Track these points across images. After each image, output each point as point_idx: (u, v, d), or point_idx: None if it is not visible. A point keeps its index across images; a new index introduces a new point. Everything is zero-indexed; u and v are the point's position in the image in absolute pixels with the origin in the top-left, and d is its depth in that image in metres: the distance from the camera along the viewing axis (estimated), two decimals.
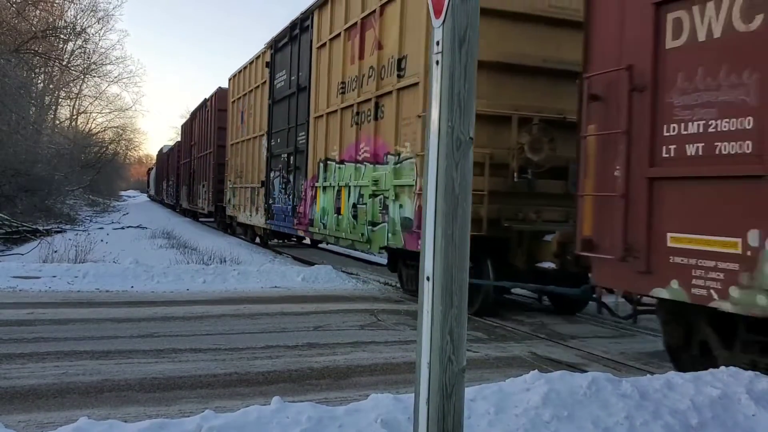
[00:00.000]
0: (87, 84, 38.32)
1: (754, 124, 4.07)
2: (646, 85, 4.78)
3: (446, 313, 2.20)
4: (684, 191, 4.54)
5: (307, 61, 11.93)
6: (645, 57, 4.79)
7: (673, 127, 4.60)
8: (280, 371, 4.91)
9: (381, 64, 9.08)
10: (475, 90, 2.25)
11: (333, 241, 10.95)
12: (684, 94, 4.55)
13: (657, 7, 4.71)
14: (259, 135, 15.53)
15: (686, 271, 4.43)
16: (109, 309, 7.24)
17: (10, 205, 19.27)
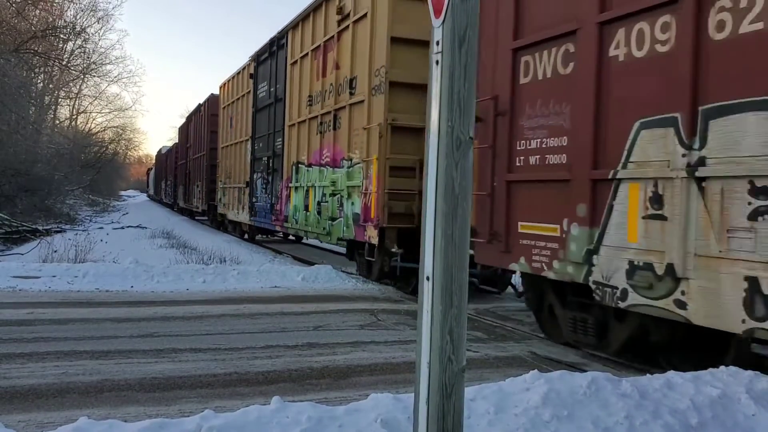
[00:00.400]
0: (87, 84, 38.41)
1: (568, 142, 5.56)
2: (506, 111, 6.31)
3: (446, 313, 2.20)
4: (528, 191, 6.05)
5: (283, 75, 13.50)
6: (506, 90, 6.32)
7: (522, 143, 6.13)
8: (280, 371, 4.91)
9: (338, 82, 10.52)
10: (475, 90, 2.25)
11: (303, 234, 12.59)
12: (529, 118, 6.05)
13: (514, 52, 6.23)
14: (244, 139, 17.01)
15: (529, 250, 5.97)
16: (108, 309, 7.24)
17: (10, 205, 19.27)
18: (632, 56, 4.98)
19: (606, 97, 5.20)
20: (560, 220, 5.58)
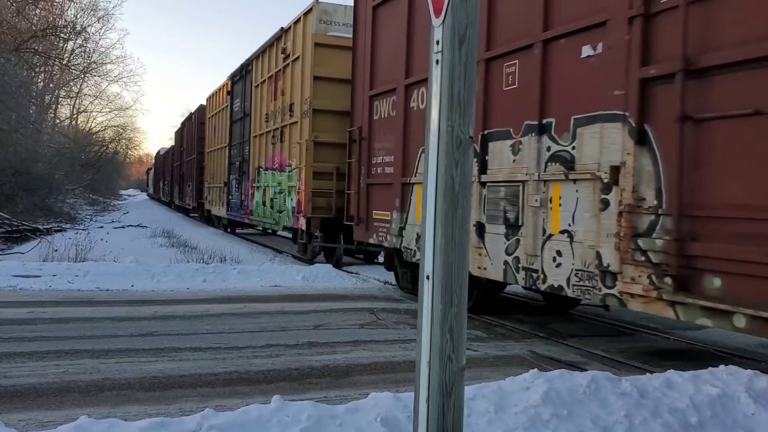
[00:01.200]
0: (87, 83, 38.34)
1: (393, 159, 8.62)
2: (366, 137, 9.48)
3: (446, 312, 2.20)
4: (377, 190, 9.15)
5: (250, 95, 16.56)
6: (366, 123, 9.50)
7: (375, 159, 9.24)
8: (281, 370, 4.91)
9: (283, 105, 13.42)
10: (475, 89, 2.25)
11: (262, 224, 16.15)
12: (378, 143, 9.14)
13: (371, 98, 9.34)
14: (224, 146, 20.07)
15: (377, 229, 9.03)
16: (109, 308, 7.25)
17: (11, 204, 19.27)
18: (419, 107, 8.04)
19: (408, 133, 8.27)
20: (389, 209, 8.66)
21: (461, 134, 2.20)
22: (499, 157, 6.51)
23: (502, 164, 6.47)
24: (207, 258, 12.39)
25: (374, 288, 9.48)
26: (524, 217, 6.09)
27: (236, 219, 18.50)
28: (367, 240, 9.41)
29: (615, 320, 7.50)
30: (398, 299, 8.57)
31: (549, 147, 5.83)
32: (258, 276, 9.68)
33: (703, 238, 4.34)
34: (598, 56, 5.32)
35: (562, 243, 5.60)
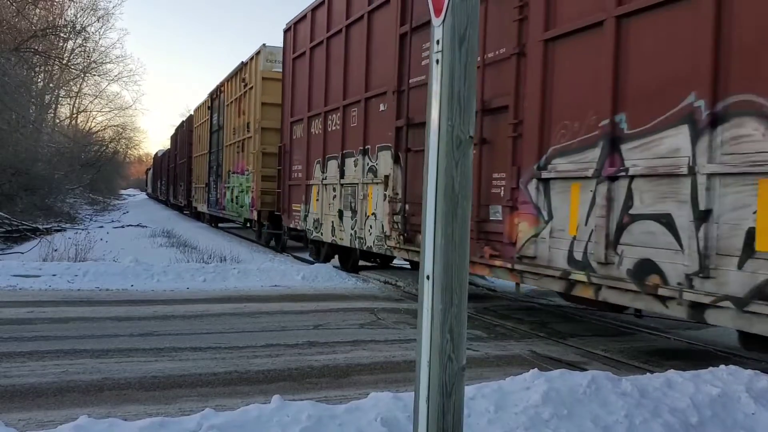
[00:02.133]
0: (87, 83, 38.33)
1: (302, 167, 12.08)
2: (288, 151, 12.92)
3: (446, 312, 2.20)
4: (294, 190, 12.53)
5: (224, 111, 20.26)
6: (288, 141, 12.94)
7: (293, 167, 12.60)
8: (280, 370, 4.91)
9: (244, 123, 17.07)
10: (476, 89, 2.25)
11: (230, 216, 19.58)
12: (294, 155, 12.57)
13: (291, 123, 12.69)
14: (205, 153, 23.94)
15: (295, 217, 12.44)
16: (109, 307, 7.25)
17: (10, 204, 19.27)
18: (316, 132, 11.41)
19: (309, 150, 11.72)
20: (300, 202, 12.19)
21: (461, 134, 2.20)
22: (349, 168, 10.01)
23: (350, 173, 10.00)
24: (207, 258, 12.40)
25: (374, 288, 9.48)
26: (358, 206, 9.64)
27: (214, 213, 22.53)
28: (289, 225, 13.08)
29: (615, 320, 7.50)
30: (398, 299, 8.57)
31: (367, 163, 9.38)
32: (258, 276, 9.68)
33: (415, 215, 7.87)
34: (384, 111, 8.89)
35: (372, 220, 9.16)
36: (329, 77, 10.82)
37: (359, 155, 9.52)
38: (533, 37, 6.01)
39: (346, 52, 10.13)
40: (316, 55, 11.45)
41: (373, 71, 9.22)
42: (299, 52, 12.28)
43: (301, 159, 12.15)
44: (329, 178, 10.71)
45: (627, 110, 5.02)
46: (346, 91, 10.09)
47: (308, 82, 11.75)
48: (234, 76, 18.45)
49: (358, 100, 9.57)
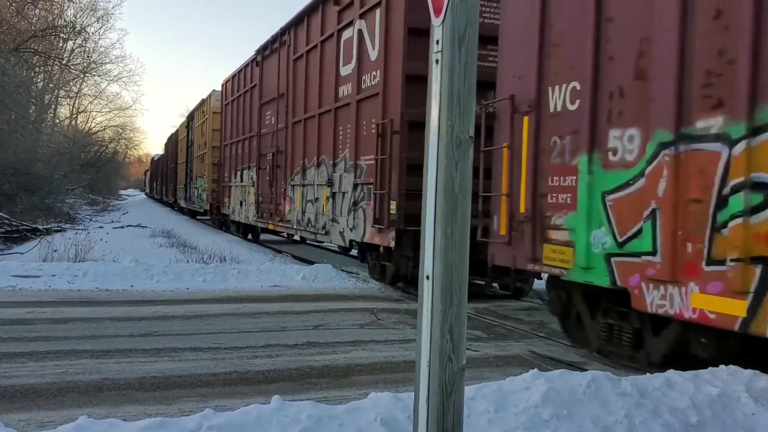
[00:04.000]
0: (86, 83, 38.28)
1: (228, 175, 19.23)
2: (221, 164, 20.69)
3: (446, 312, 2.20)
4: (226, 189, 19.40)
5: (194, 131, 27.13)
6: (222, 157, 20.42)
7: (224, 174, 19.93)
8: (280, 370, 4.91)
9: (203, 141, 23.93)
10: (475, 88, 2.25)
11: (197, 208, 26.34)
12: (224, 167, 20.10)
13: (223, 146, 20.13)
14: (185, 161, 30.23)
15: (227, 206, 19.66)
16: (108, 308, 7.25)
17: (10, 204, 19.26)
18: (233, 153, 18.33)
19: (231, 163, 18.58)
20: (227, 197, 18.89)
21: (461, 134, 2.20)
22: (245, 177, 16.51)
23: (245, 180, 16.44)
24: (206, 258, 12.39)
25: (374, 288, 9.47)
26: (246, 199, 15.01)
27: (188, 207, 29.30)
28: (222, 212, 20.09)
29: None
30: (398, 299, 8.56)
31: (251, 174, 15.01)
32: (257, 276, 9.68)
33: (264, 202, 14.02)
34: (252, 146, 15.36)
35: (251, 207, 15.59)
36: (238, 121, 17.67)
37: (248, 169, 16.43)
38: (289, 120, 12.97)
39: (243, 108, 17.16)
40: (234, 105, 18.33)
41: (252, 121, 16.08)
42: (227, 101, 19.16)
43: (227, 169, 19.32)
44: (236, 181, 17.78)
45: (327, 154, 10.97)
46: (244, 130, 16.91)
47: (231, 120, 18.68)
48: (200, 107, 25.75)
49: (247, 137, 16.58)
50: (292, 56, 12.71)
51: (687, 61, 4.40)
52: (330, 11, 10.71)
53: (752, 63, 3.96)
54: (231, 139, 18.41)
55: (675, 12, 4.47)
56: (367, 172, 9.22)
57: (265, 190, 14.72)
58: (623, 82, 4.90)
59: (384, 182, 8.62)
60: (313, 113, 11.44)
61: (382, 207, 8.68)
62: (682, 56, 4.42)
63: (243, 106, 16.91)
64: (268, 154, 14.35)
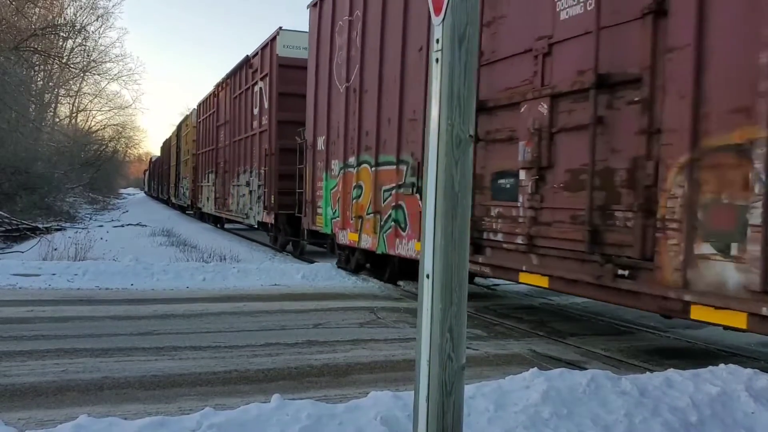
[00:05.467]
0: (86, 82, 38.30)
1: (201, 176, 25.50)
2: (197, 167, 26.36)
3: (446, 311, 2.20)
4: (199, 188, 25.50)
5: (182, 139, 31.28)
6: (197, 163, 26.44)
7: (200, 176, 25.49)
8: (280, 369, 4.91)
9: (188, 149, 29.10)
10: (475, 87, 2.25)
11: (184, 203, 31.07)
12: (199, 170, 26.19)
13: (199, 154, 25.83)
14: (175, 163, 34.89)
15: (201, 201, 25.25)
16: (109, 306, 7.25)
17: (10, 203, 19.26)
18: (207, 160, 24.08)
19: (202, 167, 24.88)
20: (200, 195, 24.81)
21: (461, 133, 2.20)
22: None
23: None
24: (206, 257, 12.38)
25: (374, 287, 9.48)
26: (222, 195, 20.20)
27: (179, 203, 33.82)
28: (197, 205, 25.86)
29: (615, 319, 7.50)
30: (398, 298, 8.56)
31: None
32: (257, 275, 9.68)
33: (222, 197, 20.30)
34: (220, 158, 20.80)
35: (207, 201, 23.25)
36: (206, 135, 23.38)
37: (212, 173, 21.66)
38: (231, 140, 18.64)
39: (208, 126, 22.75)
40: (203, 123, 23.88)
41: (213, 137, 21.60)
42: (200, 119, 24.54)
43: (199, 172, 24.90)
44: (206, 182, 23.36)
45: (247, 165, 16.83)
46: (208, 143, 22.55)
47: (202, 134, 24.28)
48: (185, 120, 30.79)
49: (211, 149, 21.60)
50: (231, 95, 18.40)
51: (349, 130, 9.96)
52: (248, 71, 16.41)
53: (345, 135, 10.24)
54: (202, 149, 24.29)
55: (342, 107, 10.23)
56: (263, 178, 14.89)
57: (219, 189, 20.60)
58: (334, 139, 10.60)
59: (269, 184, 14.32)
60: (241, 137, 17.15)
61: (269, 199, 14.40)
62: (346, 129, 10.02)
63: (208, 125, 22.78)
64: (221, 163, 20.09)
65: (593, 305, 8.03)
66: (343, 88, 10.02)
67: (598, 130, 5.17)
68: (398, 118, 8.31)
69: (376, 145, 8.92)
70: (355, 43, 9.58)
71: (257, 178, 15.23)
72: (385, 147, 8.70)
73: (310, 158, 11.67)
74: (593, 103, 5.16)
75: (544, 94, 5.75)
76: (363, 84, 9.36)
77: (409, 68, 8.07)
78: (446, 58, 2.18)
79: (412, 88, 7.96)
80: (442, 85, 2.19)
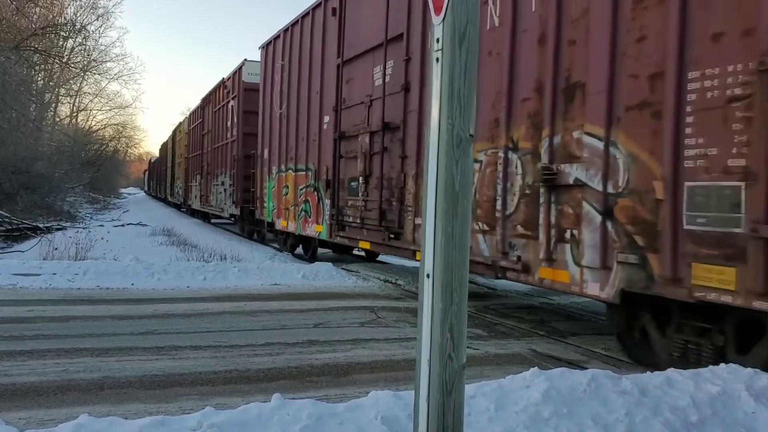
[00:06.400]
0: (87, 81, 38.38)
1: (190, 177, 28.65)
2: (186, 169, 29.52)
3: (446, 311, 2.20)
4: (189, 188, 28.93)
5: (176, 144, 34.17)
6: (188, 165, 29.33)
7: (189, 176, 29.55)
8: (281, 368, 4.91)
9: (180, 153, 32.30)
10: (476, 87, 2.25)
11: (178, 201, 33.92)
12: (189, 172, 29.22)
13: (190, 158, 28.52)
14: (171, 165, 37.33)
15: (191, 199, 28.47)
16: (109, 306, 7.25)
17: (11, 203, 19.26)
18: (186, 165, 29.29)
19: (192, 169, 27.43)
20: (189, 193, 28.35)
21: (461, 132, 2.20)
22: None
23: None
24: (207, 256, 12.39)
25: (374, 286, 9.48)
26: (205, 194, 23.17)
27: (174, 201, 36.30)
28: (188, 203, 28.12)
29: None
30: (398, 297, 8.56)
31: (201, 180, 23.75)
32: (258, 274, 9.68)
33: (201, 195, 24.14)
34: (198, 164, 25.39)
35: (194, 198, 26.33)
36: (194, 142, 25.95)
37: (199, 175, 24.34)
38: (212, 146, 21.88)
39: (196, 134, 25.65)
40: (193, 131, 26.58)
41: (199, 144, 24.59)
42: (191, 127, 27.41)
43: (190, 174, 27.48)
44: (194, 182, 25.71)
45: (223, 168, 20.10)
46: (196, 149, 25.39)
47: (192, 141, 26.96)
48: (179, 126, 33.43)
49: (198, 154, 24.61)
50: (213, 109, 21.51)
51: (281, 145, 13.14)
52: (224, 91, 19.61)
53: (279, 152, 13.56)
54: (191, 153, 27.20)
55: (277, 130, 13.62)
56: (233, 179, 17.88)
57: (204, 188, 23.61)
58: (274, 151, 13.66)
59: (236, 184, 17.45)
60: (219, 144, 20.13)
61: (236, 195, 17.55)
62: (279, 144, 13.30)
63: (196, 133, 25.78)
64: (205, 166, 23.09)
65: (594, 305, 8.02)
66: (278, 113, 13.36)
67: (385, 154, 8.68)
68: (306, 139, 11.69)
69: (295, 156, 12.29)
70: (285, 81, 12.87)
71: (229, 178, 18.45)
72: (300, 158, 12.03)
73: (259, 165, 14.90)
74: (382, 139, 8.72)
75: (367, 130, 9.14)
76: (288, 112, 12.70)
77: (312, 104, 11.38)
78: (446, 58, 2.18)
79: (313, 119, 11.37)
80: (442, 84, 2.19)
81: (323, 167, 10.76)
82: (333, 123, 10.33)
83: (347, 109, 9.88)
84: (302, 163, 11.85)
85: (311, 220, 11.46)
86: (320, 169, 10.91)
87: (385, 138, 8.56)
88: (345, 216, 9.91)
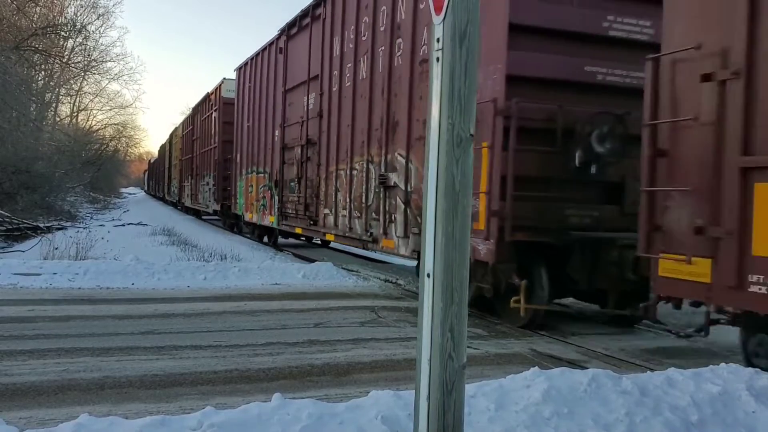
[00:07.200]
0: (87, 81, 38.30)
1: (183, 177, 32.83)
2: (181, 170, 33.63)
3: (446, 310, 2.20)
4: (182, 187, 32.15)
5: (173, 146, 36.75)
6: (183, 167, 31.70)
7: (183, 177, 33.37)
8: (281, 368, 4.91)
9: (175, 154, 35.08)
10: (476, 86, 2.25)
11: (174, 199, 35.52)
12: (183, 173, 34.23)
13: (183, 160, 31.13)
14: (167, 165, 39.41)
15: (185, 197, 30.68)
16: (109, 306, 7.25)
17: (11, 202, 19.26)
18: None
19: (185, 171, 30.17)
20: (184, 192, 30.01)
21: (462, 132, 2.19)
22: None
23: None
24: (207, 256, 12.38)
25: (375, 286, 9.48)
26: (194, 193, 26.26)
27: (170, 200, 37.94)
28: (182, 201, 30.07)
29: (616, 318, 7.48)
30: (399, 297, 8.56)
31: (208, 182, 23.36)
32: (258, 274, 9.67)
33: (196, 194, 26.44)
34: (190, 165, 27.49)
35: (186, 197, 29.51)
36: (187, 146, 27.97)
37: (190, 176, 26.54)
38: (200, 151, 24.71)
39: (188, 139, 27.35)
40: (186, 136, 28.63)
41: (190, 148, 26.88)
42: (184, 132, 29.40)
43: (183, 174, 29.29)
44: (186, 183, 27.98)
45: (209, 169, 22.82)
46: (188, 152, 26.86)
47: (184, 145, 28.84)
48: (175, 131, 36.10)
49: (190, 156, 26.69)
50: (201, 118, 24.28)
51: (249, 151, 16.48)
52: (208, 103, 22.46)
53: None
54: (185, 156, 29.27)
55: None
56: (215, 179, 20.56)
57: (194, 188, 26.06)
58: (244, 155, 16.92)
59: (217, 183, 20.30)
60: (205, 149, 22.82)
61: (217, 194, 20.34)
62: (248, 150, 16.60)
63: (188, 138, 28.23)
64: (195, 168, 25.58)
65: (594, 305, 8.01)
66: (246, 126, 16.44)
67: (309, 162, 11.65)
68: (264, 147, 14.79)
69: (257, 161, 15.34)
70: (252, 99, 15.91)
71: (212, 179, 21.39)
72: (260, 163, 15.09)
73: (233, 167, 18.01)
74: (307, 150, 11.70)
75: (300, 143, 12.01)
76: (253, 125, 15.70)
77: (268, 120, 14.40)
78: (447, 57, 2.18)
79: (269, 132, 14.36)
80: (442, 84, 2.19)
81: (274, 170, 13.77)
82: (280, 136, 13.36)
83: (289, 126, 12.94)
84: (262, 167, 14.98)
85: (267, 212, 14.59)
86: (273, 172, 13.99)
87: (309, 150, 11.71)
88: (287, 209, 12.99)
